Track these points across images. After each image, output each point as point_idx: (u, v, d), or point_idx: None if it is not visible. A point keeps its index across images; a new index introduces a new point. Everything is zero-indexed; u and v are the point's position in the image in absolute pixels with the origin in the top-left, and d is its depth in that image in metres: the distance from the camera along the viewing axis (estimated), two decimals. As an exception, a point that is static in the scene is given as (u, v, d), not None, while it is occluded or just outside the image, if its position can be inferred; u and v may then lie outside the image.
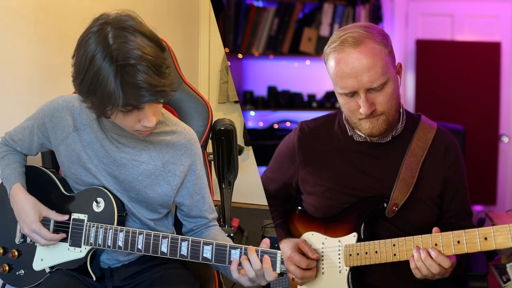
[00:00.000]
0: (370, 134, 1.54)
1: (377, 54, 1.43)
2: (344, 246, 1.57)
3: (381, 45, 1.45)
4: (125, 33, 1.26)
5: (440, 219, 1.60)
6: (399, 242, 1.45)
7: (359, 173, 1.60)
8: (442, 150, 1.59)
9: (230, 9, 3.62)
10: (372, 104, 1.46)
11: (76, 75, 1.30)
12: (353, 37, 1.43)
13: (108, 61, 1.23)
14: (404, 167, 1.55)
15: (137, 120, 1.35)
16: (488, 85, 3.31)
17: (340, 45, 1.44)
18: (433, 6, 3.44)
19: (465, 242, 1.33)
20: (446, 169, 1.58)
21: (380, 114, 1.49)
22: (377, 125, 1.51)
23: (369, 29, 1.47)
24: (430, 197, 1.58)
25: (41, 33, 2.20)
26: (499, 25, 3.33)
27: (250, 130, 3.86)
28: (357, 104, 1.48)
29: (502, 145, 3.36)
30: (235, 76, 3.79)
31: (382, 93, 1.46)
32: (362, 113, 1.47)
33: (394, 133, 1.58)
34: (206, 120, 1.86)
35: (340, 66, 1.45)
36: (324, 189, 1.63)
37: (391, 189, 1.54)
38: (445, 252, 1.37)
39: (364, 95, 1.45)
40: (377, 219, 1.58)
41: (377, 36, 1.45)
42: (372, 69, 1.42)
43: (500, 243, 1.28)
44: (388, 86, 1.46)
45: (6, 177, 1.60)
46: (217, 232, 1.62)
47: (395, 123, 1.56)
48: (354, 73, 1.43)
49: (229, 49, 3.64)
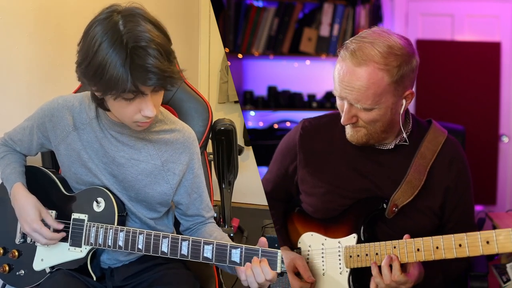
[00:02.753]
0: (351, 140, 1.54)
1: (374, 81, 1.39)
2: (344, 247, 1.56)
3: (385, 73, 1.39)
4: (136, 18, 1.28)
5: (441, 229, 1.59)
6: (399, 244, 1.44)
7: (359, 176, 1.59)
8: (447, 160, 1.57)
9: (230, 9, 3.62)
10: (353, 117, 1.46)
11: (82, 60, 1.30)
12: (364, 53, 1.39)
13: (118, 46, 1.24)
14: (413, 169, 1.53)
15: (138, 110, 1.35)
16: (488, 85, 3.31)
17: (349, 55, 1.41)
18: (433, 6, 3.44)
19: (466, 245, 1.32)
20: (449, 179, 1.56)
21: (361, 127, 1.49)
22: (356, 136, 1.51)
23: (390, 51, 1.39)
24: (429, 208, 1.56)
25: (41, 33, 2.20)
26: (499, 25, 3.33)
27: (250, 130, 3.85)
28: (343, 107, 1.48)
29: (502, 145, 3.36)
30: (235, 76, 3.79)
31: (366, 113, 1.45)
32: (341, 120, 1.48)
33: (398, 141, 1.57)
34: (206, 120, 1.86)
35: (338, 71, 1.45)
36: (323, 191, 1.62)
37: (390, 195, 1.53)
38: (447, 256, 1.36)
39: (348, 106, 1.45)
40: (376, 222, 1.57)
41: (389, 62, 1.38)
42: (362, 92, 1.40)
43: (502, 247, 1.27)
44: (374, 111, 1.44)
45: (7, 176, 1.60)
46: (213, 228, 1.62)
47: (381, 139, 1.55)
48: (345, 85, 1.42)
49: (229, 49, 3.64)
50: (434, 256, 1.38)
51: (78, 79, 1.38)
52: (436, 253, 1.37)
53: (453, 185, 1.57)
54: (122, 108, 1.35)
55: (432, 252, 1.38)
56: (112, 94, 1.29)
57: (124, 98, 1.30)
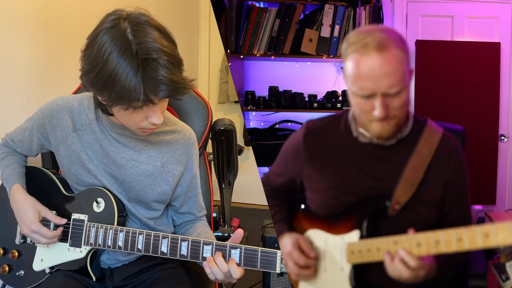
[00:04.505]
0: (379, 136, 1.54)
1: (400, 61, 1.44)
2: (346, 243, 1.57)
3: (404, 52, 1.45)
4: (143, 27, 1.27)
5: (440, 222, 1.60)
6: (401, 239, 1.45)
7: (363, 173, 1.60)
8: (446, 154, 1.59)
9: (231, 10, 3.62)
10: (386, 108, 1.47)
11: (90, 69, 1.29)
12: (377, 41, 1.43)
13: (128, 55, 1.23)
14: (410, 166, 1.55)
15: (145, 117, 1.35)
16: (488, 86, 3.32)
17: (363, 47, 1.43)
18: (433, 7, 3.45)
19: (467, 239, 1.33)
20: (449, 173, 1.58)
21: (392, 118, 1.50)
22: (387, 129, 1.52)
23: (391, 33, 1.47)
24: (431, 201, 1.58)
25: (41, 33, 2.20)
26: (498, 26, 3.34)
27: (250, 130, 3.86)
28: (371, 106, 1.48)
29: (502, 145, 3.37)
30: (237, 76, 3.79)
31: (397, 98, 1.47)
32: (376, 116, 1.48)
33: (400, 136, 1.58)
34: (206, 120, 1.86)
35: (361, 67, 1.45)
36: (327, 187, 1.63)
37: (393, 191, 1.55)
38: (447, 250, 1.37)
39: (381, 98, 1.46)
40: (379, 218, 1.58)
41: (399, 42, 1.46)
42: (393, 75, 1.43)
43: (501, 240, 1.28)
44: (404, 92, 1.47)
45: (6, 178, 1.60)
46: (199, 224, 1.64)
47: (402, 126, 1.57)
48: (375, 76, 1.44)
49: (230, 50, 3.64)
50: (435, 250, 1.39)
51: (84, 87, 1.37)
52: (437, 247, 1.38)
53: (452, 179, 1.59)
54: (128, 115, 1.35)
55: (433, 247, 1.39)
56: (123, 104, 1.28)
57: (132, 107, 1.30)
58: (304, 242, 1.61)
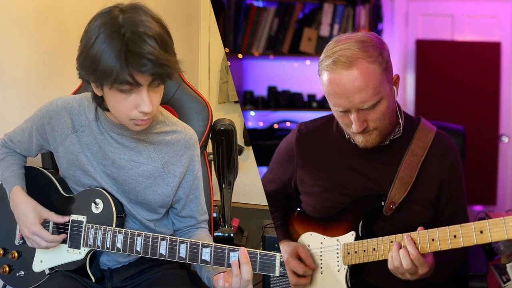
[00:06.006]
0: (364, 147, 1.55)
1: (370, 75, 1.41)
2: (342, 244, 1.57)
3: (375, 64, 1.42)
4: (136, 11, 1.29)
5: (436, 220, 1.61)
6: (396, 238, 1.45)
7: (356, 174, 1.60)
8: (440, 152, 1.59)
9: (230, 9, 3.62)
10: (364, 122, 1.47)
11: (80, 52, 1.31)
12: (346, 56, 1.41)
13: (115, 36, 1.24)
14: (404, 166, 1.56)
15: (134, 106, 1.33)
16: (488, 85, 3.32)
17: (333, 65, 1.43)
18: (433, 6, 3.45)
19: (461, 236, 1.34)
20: (443, 172, 1.58)
21: (372, 130, 1.50)
22: (370, 139, 1.52)
23: (365, 45, 1.43)
24: (426, 199, 1.58)
25: (41, 33, 2.20)
26: (499, 25, 3.33)
27: (250, 130, 3.85)
28: (349, 120, 1.49)
29: (502, 145, 3.36)
30: (235, 76, 3.79)
31: (374, 111, 1.46)
32: (353, 130, 1.48)
33: (392, 136, 1.58)
34: (206, 120, 1.86)
35: (332, 86, 1.45)
36: (321, 190, 1.64)
37: (388, 191, 1.55)
38: (442, 247, 1.37)
39: (355, 113, 1.46)
40: (374, 218, 1.58)
41: (372, 54, 1.43)
42: (363, 91, 1.42)
43: (495, 236, 1.28)
44: (381, 104, 1.46)
45: (6, 179, 1.59)
46: (203, 234, 1.62)
47: (390, 133, 1.57)
48: (346, 93, 1.43)
49: (229, 49, 3.64)
50: (430, 248, 1.39)
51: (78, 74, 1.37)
52: (432, 245, 1.39)
53: (447, 177, 1.59)
54: (118, 103, 1.34)
55: (428, 245, 1.40)
56: (107, 84, 1.28)
57: (120, 90, 1.29)
58: (303, 251, 1.60)
